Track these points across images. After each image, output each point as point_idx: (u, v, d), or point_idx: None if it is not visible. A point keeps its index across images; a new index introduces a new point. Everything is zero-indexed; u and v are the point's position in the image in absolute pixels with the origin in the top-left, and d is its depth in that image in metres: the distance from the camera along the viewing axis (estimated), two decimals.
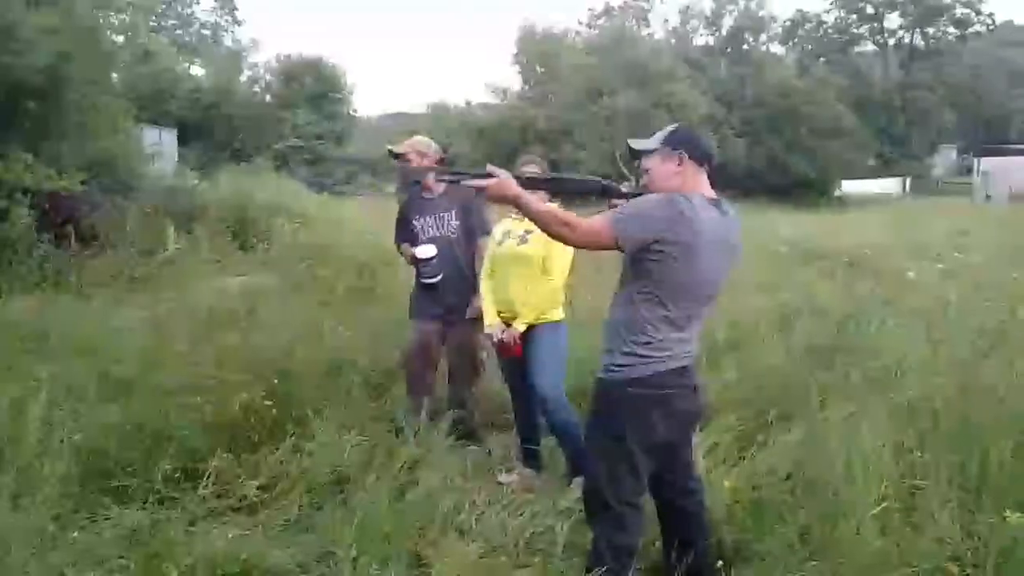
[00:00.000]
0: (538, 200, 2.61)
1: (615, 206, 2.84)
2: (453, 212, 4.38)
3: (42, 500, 3.06)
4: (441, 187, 4.37)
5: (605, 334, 2.74)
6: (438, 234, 4.39)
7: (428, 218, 4.41)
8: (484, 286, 4.07)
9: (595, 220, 2.55)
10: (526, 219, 2.83)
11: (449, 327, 4.41)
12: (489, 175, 2.61)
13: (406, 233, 4.51)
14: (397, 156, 4.40)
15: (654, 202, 2.53)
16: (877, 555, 2.80)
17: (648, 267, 2.54)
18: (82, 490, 3.36)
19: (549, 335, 3.92)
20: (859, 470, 3.18)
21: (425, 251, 4.26)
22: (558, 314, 3.99)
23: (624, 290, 2.67)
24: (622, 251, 2.56)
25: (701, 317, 2.73)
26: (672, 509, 2.90)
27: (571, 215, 2.59)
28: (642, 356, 2.59)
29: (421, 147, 4.40)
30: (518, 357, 3.92)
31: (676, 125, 2.79)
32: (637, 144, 2.77)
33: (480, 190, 2.61)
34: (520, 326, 3.86)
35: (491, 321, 3.97)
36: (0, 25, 8.94)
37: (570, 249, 3.67)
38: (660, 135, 2.71)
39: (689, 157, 2.62)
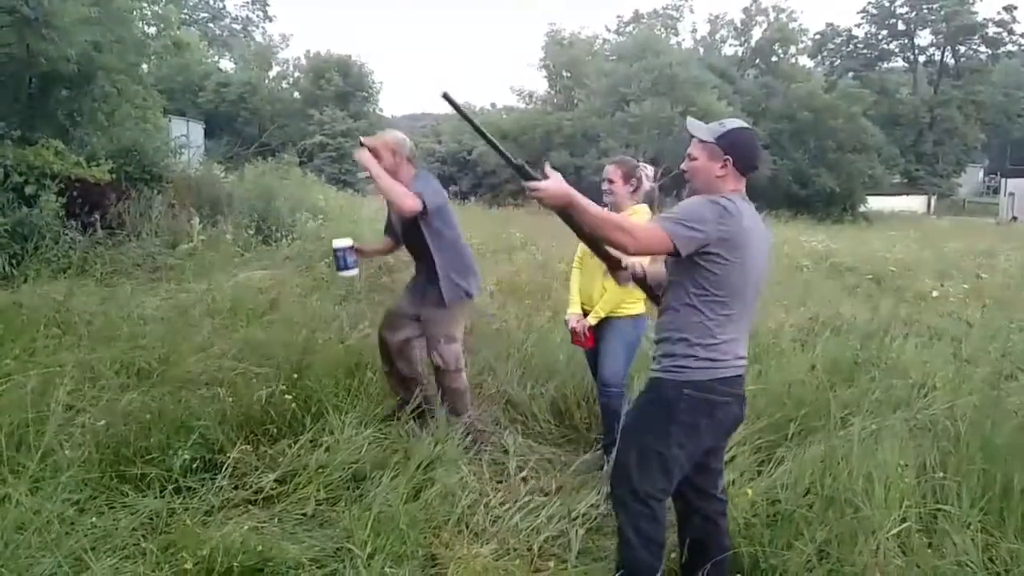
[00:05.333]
0: (593, 204, 2.49)
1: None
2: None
3: (62, 485, 3.08)
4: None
5: (662, 334, 2.69)
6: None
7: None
8: (572, 277, 4.33)
9: (650, 226, 2.50)
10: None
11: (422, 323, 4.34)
12: (545, 175, 2.48)
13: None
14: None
15: (703, 204, 2.50)
16: None
17: (706, 268, 2.51)
18: (101, 476, 3.38)
19: (623, 328, 4.10)
20: (880, 488, 3.15)
21: (337, 241, 4.11)
22: (637, 308, 4.10)
23: (680, 293, 2.62)
24: (677, 256, 2.49)
25: (750, 320, 2.71)
26: (694, 513, 2.85)
27: (629, 220, 2.54)
28: (704, 359, 2.57)
29: (392, 144, 4.06)
30: (590, 348, 4.19)
31: (736, 125, 2.65)
32: (693, 127, 2.70)
33: (534, 191, 2.44)
34: (592, 320, 4.09)
35: (569, 310, 4.24)
36: (37, 14, 9.04)
37: None
38: (717, 128, 2.63)
39: (733, 164, 2.58)
